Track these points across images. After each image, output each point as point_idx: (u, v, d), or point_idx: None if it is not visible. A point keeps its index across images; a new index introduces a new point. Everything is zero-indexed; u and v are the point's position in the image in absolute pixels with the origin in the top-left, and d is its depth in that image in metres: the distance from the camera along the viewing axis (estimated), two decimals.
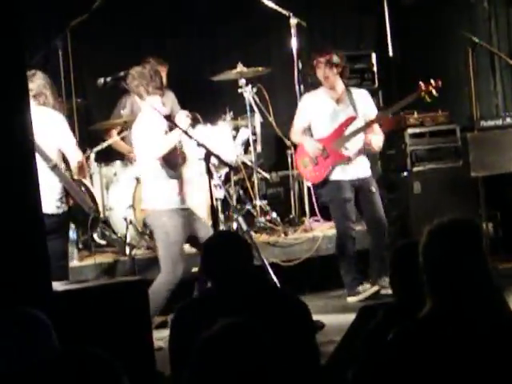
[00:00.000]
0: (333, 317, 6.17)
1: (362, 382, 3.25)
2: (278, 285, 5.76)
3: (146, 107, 5.90)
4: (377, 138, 6.88)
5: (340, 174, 6.83)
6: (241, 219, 6.32)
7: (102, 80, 5.10)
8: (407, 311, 3.21)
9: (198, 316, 2.79)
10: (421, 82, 6.92)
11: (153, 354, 4.28)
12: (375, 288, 6.66)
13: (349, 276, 6.75)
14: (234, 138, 7.36)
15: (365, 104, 6.96)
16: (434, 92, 6.84)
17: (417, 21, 9.22)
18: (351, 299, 6.68)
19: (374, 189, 6.91)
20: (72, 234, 6.38)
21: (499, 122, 6.82)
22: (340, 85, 6.89)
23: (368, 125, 6.83)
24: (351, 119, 6.84)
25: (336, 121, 6.88)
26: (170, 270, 5.97)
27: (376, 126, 6.91)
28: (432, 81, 6.88)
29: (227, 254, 3.66)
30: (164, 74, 7.72)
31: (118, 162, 7.38)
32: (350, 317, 4.05)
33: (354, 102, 6.89)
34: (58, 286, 4.13)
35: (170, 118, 5.51)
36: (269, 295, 3.78)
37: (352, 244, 6.77)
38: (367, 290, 6.65)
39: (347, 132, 6.84)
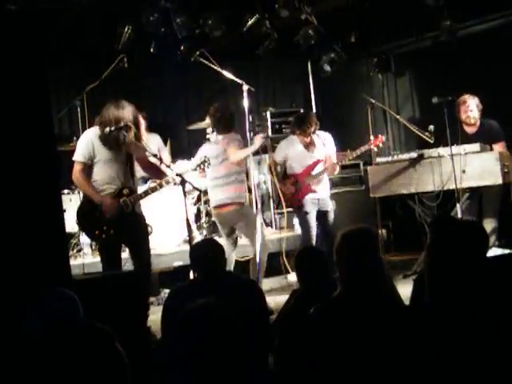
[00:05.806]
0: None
1: (287, 347, 3.28)
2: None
3: None
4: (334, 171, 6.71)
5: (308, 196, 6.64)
6: None
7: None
8: (310, 294, 3.43)
9: (185, 297, 2.77)
10: (372, 137, 6.61)
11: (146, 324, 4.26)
12: None
13: None
14: None
15: (328, 145, 6.72)
16: (380, 144, 6.68)
17: (332, 87, 9.32)
18: None
19: (329, 208, 6.66)
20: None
21: (389, 159, 6.86)
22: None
23: (330, 168, 6.60)
24: (317, 162, 6.67)
25: (306, 162, 6.69)
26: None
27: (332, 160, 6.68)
28: (379, 136, 6.70)
29: (208, 255, 3.68)
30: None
31: None
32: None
33: (321, 144, 6.65)
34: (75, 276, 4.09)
35: (156, 156, 5.44)
36: (234, 282, 3.81)
37: None
38: None
39: (314, 172, 6.66)
